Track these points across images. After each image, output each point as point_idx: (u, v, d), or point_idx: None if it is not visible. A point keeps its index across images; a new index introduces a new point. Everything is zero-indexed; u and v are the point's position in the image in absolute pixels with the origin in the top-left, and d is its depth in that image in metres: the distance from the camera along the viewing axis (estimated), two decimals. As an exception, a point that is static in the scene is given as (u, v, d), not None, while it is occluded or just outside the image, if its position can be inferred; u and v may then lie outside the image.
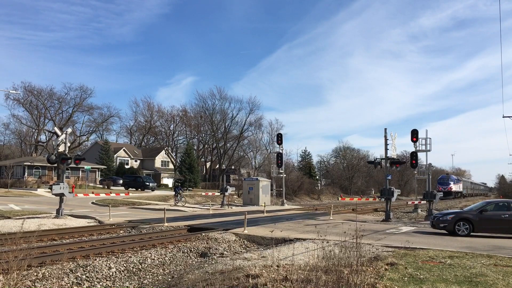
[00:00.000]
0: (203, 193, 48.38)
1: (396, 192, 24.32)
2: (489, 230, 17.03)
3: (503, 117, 49.43)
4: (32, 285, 8.28)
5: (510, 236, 16.81)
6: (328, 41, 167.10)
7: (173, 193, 37.66)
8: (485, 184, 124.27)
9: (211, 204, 33.44)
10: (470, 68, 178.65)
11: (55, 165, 21.93)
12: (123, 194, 42.54)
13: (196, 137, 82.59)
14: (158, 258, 11.67)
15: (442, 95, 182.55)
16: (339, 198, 60.26)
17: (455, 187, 68.71)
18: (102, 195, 40.48)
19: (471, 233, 16.72)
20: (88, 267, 9.87)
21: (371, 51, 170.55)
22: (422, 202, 33.29)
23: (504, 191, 70.91)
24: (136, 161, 77.19)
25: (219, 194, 35.46)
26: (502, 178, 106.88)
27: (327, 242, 11.73)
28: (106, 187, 55.30)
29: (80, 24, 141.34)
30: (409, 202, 43.77)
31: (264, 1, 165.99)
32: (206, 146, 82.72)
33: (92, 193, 42.49)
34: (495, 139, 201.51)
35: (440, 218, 17.57)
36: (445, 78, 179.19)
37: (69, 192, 21.26)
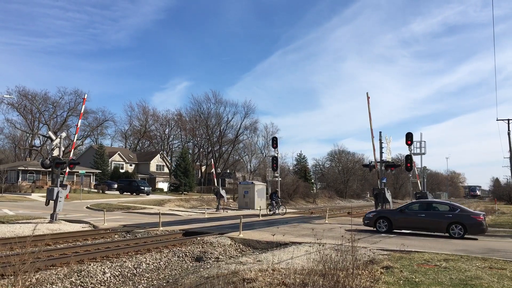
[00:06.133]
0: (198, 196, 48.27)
1: (389, 195, 24.42)
2: (405, 228, 18.38)
3: (497, 120, 50.20)
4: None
5: (422, 233, 17.85)
6: (321, 46, 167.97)
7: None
8: (480, 187, 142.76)
9: (206, 208, 33.36)
10: (462, 73, 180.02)
11: (50, 169, 21.76)
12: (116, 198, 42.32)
13: (191, 141, 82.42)
14: (153, 263, 11.61)
15: (435, 98, 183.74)
16: None
17: (478, 193, 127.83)
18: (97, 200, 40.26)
19: (393, 230, 18.17)
20: (83, 272, 9.80)
21: (364, 56, 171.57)
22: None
23: (498, 194, 71.11)
24: (131, 165, 76.90)
25: (214, 197, 35.44)
26: (496, 181, 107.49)
27: (323, 245, 11.76)
28: (101, 191, 55.02)
29: (76, 30, 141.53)
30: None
31: (258, 7, 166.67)
32: (201, 150, 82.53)
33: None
34: (489, 142, 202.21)
35: (366, 216, 19.21)
36: (437, 82, 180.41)
37: (63, 186, 21.05)
